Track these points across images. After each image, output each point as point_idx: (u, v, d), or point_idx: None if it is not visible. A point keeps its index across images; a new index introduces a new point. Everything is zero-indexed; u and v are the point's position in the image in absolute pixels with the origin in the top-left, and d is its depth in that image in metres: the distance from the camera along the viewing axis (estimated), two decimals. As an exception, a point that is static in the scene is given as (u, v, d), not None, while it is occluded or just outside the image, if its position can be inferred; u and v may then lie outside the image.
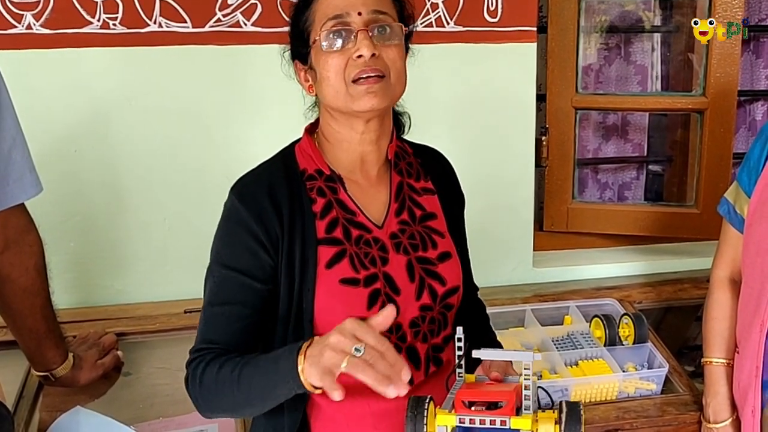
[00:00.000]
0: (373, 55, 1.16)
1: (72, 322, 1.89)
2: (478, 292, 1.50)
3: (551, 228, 2.50)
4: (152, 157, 2.04)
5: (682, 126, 2.67)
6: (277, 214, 1.20)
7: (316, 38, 1.18)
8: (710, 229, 2.40)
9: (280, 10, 2.01)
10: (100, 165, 2.02)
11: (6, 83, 1.37)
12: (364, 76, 1.16)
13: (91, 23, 1.93)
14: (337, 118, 1.24)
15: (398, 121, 1.36)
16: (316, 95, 1.27)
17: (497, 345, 1.38)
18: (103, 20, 1.93)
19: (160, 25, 1.96)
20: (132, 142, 2.02)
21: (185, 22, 1.97)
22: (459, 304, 1.32)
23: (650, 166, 2.83)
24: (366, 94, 1.17)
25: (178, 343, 1.98)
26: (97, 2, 1.92)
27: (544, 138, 2.39)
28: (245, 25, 2.01)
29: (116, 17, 1.94)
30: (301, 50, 1.24)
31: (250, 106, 2.07)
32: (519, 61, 2.19)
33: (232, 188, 1.25)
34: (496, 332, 1.48)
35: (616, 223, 2.47)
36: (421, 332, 1.26)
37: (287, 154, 1.30)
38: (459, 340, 1.12)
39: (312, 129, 1.32)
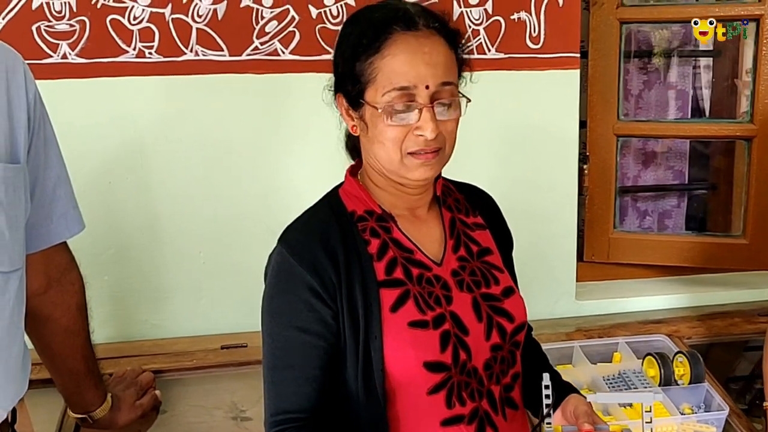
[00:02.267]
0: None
1: (107, 358, 1.84)
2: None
3: (592, 258, 2.43)
4: (187, 188, 1.99)
5: (725, 153, 2.60)
6: (332, 262, 1.14)
7: (376, 104, 1.12)
8: (759, 260, 2.33)
9: (318, 38, 1.97)
10: (134, 197, 1.97)
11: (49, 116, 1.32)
12: (423, 153, 1.12)
13: (127, 52, 1.89)
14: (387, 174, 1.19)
15: None
16: (358, 137, 1.21)
17: (567, 384, 1.31)
18: (139, 49, 1.90)
19: (197, 54, 1.92)
20: (167, 173, 1.98)
21: (222, 50, 1.93)
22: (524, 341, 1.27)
23: (692, 194, 2.75)
24: (420, 166, 1.13)
25: (215, 381, 1.94)
26: (133, 30, 1.89)
27: (585, 166, 2.32)
28: (283, 53, 1.96)
29: (152, 45, 1.90)
30: (349, 91, 1.17)
31: (286, 136, 2.02)
32: (562, 88, 2.13)
33: (281, 240, 1.18)
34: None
35: (660, 253, 2.40)
36: (495, 374, 1.20)
37: (332, 198, 1.24)
38: (546, 387, 1.05)
39: (354, 171, 1.27)
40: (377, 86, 1.12)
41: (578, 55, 2.13)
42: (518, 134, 2.15)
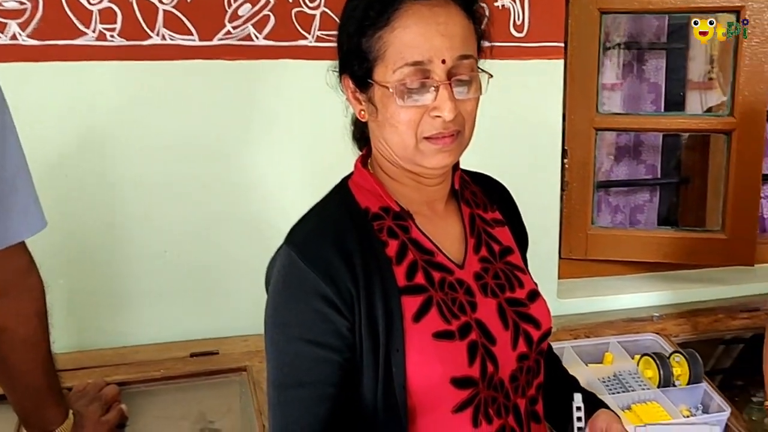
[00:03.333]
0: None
1: (64, 370, 1.66)
2: None
3: (569, 255, 2.36)
4: (153, 182, 1.83)
5: (699, 147, 2.58)
6: (348, 267, 1.01)
7: (386, 83, 1.00)
8: (738, 255, 2.31)
9: (295, 22, 1.84)
10: (94, 191, 1.81)
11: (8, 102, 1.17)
12: (441, 137, 1.00)
13: (86, 34, 1.73)
14: (399, 162, 1.08)
15: None
16: (366, 123, 1.09)
17: (592, 396, 1.22)
18: (99, 31, 1.73)
19: (164, 38, 1.77)
20: (130, 166, 1.81)
21: (191, 34, 1.78)
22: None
23: (665, 189, 2.72)
24: (438, 152, 1.01)
25: (183, 391, 1.79)
26: (92, 11, 1.72)
27: (564, 160, 2.26)
28: (257, 38, 1.83)
29: (114, 28, 1.74)
30: (356, 71, 1.05)
31: (261, 127, 1.88)
32: (545, 78, 2.06)
33: (289, 240, 1.04)
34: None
35: (638, 249, 2.35)
36: (520, 386, 1.09)
37: (342, 192, 1.11)
38: (578, 409, 0.95)
39: (363, 161, 1.14)
40: (387, 63, 1.00)
41: (562, 44, 2.06)
42: (501, 126, 2.06)
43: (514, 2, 1.99)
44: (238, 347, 1.86)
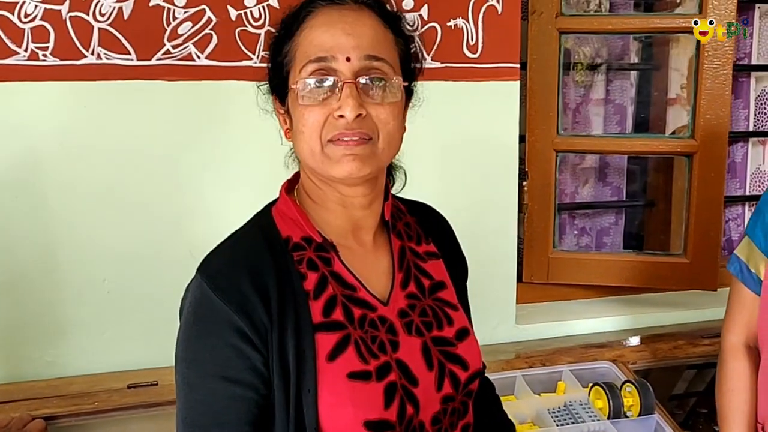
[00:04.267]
0: (359, 115, 0.95)
1: (-8, 403, 1.60)
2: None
3: (531, 279, 2.31)
4: (90, 208, 1.77)
5: (664, 169, 2.53)
6: (263, 300, 0.95)
7: (294, 85, 0.97)
8: (701, 280, 2.26)
9: (238, 42, 1.78)
10: (27, 217, 1.74)
11: None
12: (345, 139, 0.95)
13: (17, 53, 1.67)
14: (318, 179, 1.03)
15: (389, 175, 1.14)
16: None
17: None
18: (32, 50, 1.67)
19: (99, 57, 1.71)
20: (66, 191, 1.75)
21: (128, 53, 1.73)
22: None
23: (630, 211, 2.68)
24: (344, 157, 0.96)
25: (119, 424, 1.72)
26: (24, 29, 1.66)
27: (524, 183, 2.21)
28: (198, 58, 1.77)
29: (47, 47, 1.68)
30: (276, 85, 1.03)
31: (203, 150, 1.82)
32: (501, 100, 2.01)
33: (201, 270, 0.98)
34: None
35: (600, 273, 2.30)
36: (443, 428, 1.03)
37: (264, 219, 1.06)
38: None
39: (290, 187, 1.09)
40: (296, 65, 0.98)
41: (518, 65, 2.01)
42: (455, 149, 2.02)
43: (468, 22, 1.94)
44: (179, 378, 1.79)
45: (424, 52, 1.87)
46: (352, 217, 1.05)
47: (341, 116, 0.94)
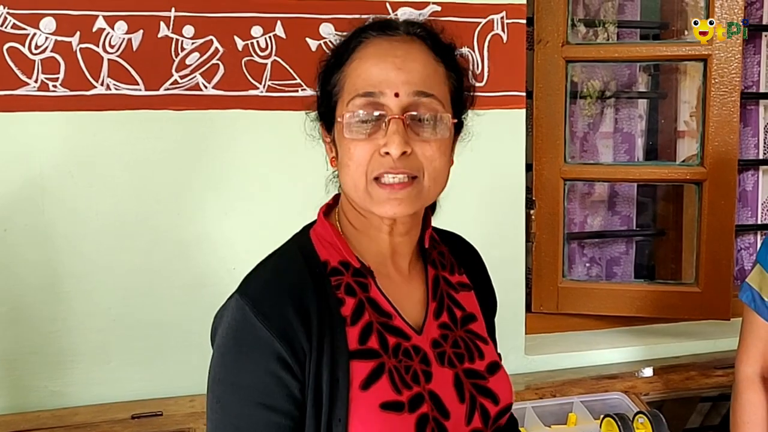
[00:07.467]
0: (405, 152, 0.93)
1: (-5, 434, 1.59)
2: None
3: (540, 309, 2.29)
4: (96, 237, 1.77)
5: (674, 198, 2.52)
6: (304, 325, 0.93)
7: (340, 117, 0.96)
8: (712, 309, 2.23)
9: (245, 72, 1.80)
10: (34, 246, 1.74)
11: None
12: (390, 180, 0.93)
13: (27, 84, 1.69)
14: (360, 208, 1.01)
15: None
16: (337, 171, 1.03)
17: None
18: (42, 81, 1.70)
19: (108, 87, 1.73)
20: (73, 220, 1.76)
21: (137, 84, 1.75)
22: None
23: (641, 240, 2.65)
24: (388, 201, 0.94)
25: (123, 455, 1.70)
26: (34, 60, 1.69)
27: (531, 212, 2.20)
28: (205, 88, 1.79)
29: (57, 78, 1.70)
30: (324, 114, 1.02)
31: (208, 178, 1.83)
32: (507, 128, 2.01)
33: (243, 292, 0.96)
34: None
35: (610, 303, 2.27)
36: None
37: (303, 241, 1.04)
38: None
39: (328, 210, 1.07)
40: (344, 97, 0.96)
41: (524, 93, 2.02)
42: (461, 178, 1.99)
43: (473, 51, 1.95)
44: (184, 408, 1.78)
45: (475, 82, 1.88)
46: (392, 242, 1.04)
47: (387, 153, 0.93)
